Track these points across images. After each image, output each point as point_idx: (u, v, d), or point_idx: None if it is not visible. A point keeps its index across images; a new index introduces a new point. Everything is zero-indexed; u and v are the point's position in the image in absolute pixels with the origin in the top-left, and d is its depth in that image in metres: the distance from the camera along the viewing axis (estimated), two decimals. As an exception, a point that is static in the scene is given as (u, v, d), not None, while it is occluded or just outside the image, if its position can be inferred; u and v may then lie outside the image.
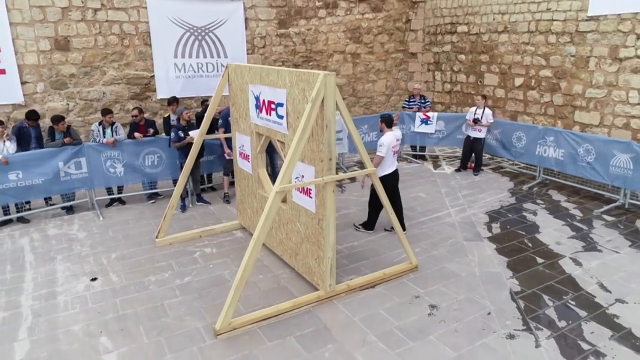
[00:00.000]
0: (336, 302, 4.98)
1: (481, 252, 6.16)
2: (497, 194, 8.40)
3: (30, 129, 7.28)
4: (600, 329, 4.51)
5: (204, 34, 9.78)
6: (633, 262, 5.82)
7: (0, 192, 6.87)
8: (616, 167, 7.52)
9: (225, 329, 4.39)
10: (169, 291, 5.25)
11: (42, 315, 4.80)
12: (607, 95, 8.98)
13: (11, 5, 8.06)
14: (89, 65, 8.91)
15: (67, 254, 6.21)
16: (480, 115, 9.16)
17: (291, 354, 4.18)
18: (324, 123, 4.42)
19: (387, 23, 12.29)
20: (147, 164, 7.90)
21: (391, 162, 6.43)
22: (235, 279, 4.35)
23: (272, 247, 6.04)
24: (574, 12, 9.29)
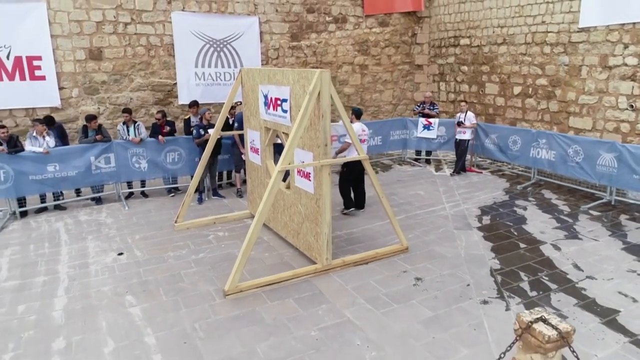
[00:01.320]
0: (332, 274, 5.60)
1: (469, 238, 6.72)
2: (491, 192, 8.94)
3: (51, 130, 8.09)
4: (567, 298, 5.03)
5: (222, 45, 10.69)
6: (609, 247, 6.30)
7: (39, 182, 7.73)
8: (602, 166, 8.02)
9: (232, 290, 5.05)
10: (185, 264, 5.96)
11: (76, 279, 5.55)
12: (598, 102, 9.49)
13: (53, 19, 9.08)
14: (119, 73, 9.86)
15: (97, 234, 6.99)
16: (463, 118, 9.80)
17: (289, 311, 4.81)
18: (320, 113, 5.12)
19: (394, 37, 13.06)
20: (168, 161, 8.71)
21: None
22: (243, 245, 5.04)
23: (278, 230, 6.71)
24: (566, 24, 9.90)
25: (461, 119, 10.04)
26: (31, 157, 7.60)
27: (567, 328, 3.02)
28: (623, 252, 6.16)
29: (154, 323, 4.60)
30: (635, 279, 5.42)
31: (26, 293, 5.24)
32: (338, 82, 12.40)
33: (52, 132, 7.99)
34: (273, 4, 11.18)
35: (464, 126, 9.96)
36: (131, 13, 9.73)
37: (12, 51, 8.86)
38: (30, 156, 7.59)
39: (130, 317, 4.73)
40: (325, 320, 4.65)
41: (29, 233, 7.09)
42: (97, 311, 4.85)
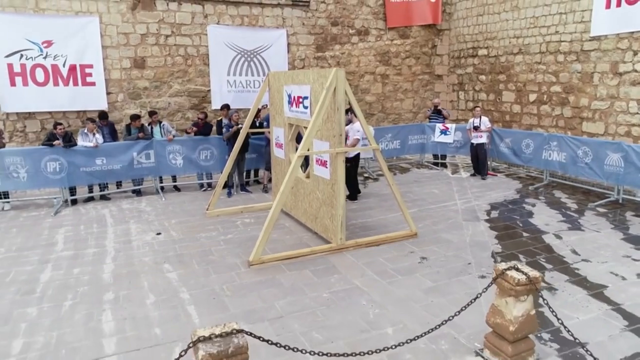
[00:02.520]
0: (345, 253, 6.21)
1: (475, 228, 7.20)
2: (503, 192, 9.37)
3: (102, 127, 9.10)
4: (560, 276, 5.47)
5: (253, 56, 11.59)
6: (609, 238, 6.67)
7: (89, 174, 8.69)
8: (610, 165, 8.37)
9: (256, 261, 5.73)
10: (215, 242, 6.69)
11: (121, 252, 6.35)
12: (610, 107, 9.84)
13: (104, 32, 10.19)
14: (159, 80, 10.87)
15: (138, 219, 7.84)
16: (479, 122, 10.26)
17: (305, 279, 5.45)
18: (335, 106, 5.81)
19: (414, 48, 13.72)
20: (202, 158, 9.55)
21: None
22: (267, 219, 5.74)
23: (298, 217, 7.38)
24: (578, 33, 10.33)
25: (476, 123, 10.51)
26: (82, 151, 8.58)
27: (536, 274, 3.57)
28: (622, 241, 6.52)
29: (188, 284, 5.31)
30: (629, 262, 5.80)
31: (79, 260, 6.07)
32: (360, 90, 13.11)
33: (101, 130, 8.97)
34: (300, 17, 12.06)
35: (481, 130, 10.41)
36: (172, 26, 10.76)
37: (67, 60, 9.97)
38: (81, 150, 8.57)
39: (168, 279, 5.47)
40: (336, 286, 5.25)
41: (79, 217, 8.01)
42: (139, 275, 5.61)
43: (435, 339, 4.17)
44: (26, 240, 6.86)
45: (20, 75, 9.73)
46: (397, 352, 3.97)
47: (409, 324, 4.44)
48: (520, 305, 3.59)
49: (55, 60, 9.91)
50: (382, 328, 4.37)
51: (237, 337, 2.71)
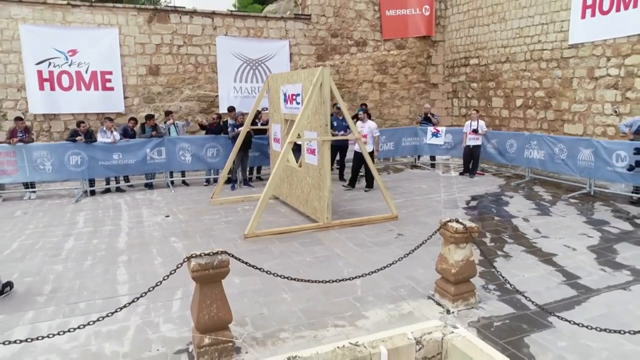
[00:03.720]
0: (331, 230, 6.98)
1: (453, 213, 7.90)
2: (487, 187, 10.06)
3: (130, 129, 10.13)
4: (517, 247, 6.16)
5: (257, 64, 12.58)
6: (573, 221, 7.34)
7: (106, 167, 9.63)
8: (582, 160, 9.05)
9: (251, 235, 6.54)
10: (216, 222, 7.51)
11: (134, 229, 7.21)
12: (587, 109, 10.55)
13: (122, 42, 11.26)
14: (171, 86, 11.88)
15: (149, 206, 8.72)
16: (476, 126, 10.98)
17: (292, 248, 6.22)
18: (322, 100, 6.66)
19: (410, 58, 14.60)
20: (209, 155, 10.45)
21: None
22: (260, 197, 6.55)
23: (292, 203, 8.19)
24: (558, 42, 11.12)
25: (474, 126, 11.11)
26: (101, 147, 9.53)
27: (472, 225, 4.32)
28: (583, 224, 7.19)
29: (191, 250, 6.07)
30: (584, 238, 6.47)
31: (98, 234, 6.94)
32: (359, 97, 13.98)
33: (118, 129, 9.95)
34: (302, 29, 13.05)
35: (479, 133, 11.05)
36: (184, 37, 11.82)
37: (90, 67, 11.05)
38: (100, 146, 9.53)
39: (174, 247, 6.30)
40: (319, 253, 6.02)
41: (97, 204, 8.92)
42: (149, 244, 6.44)
43: (397, 288, 4.93)
44: (51, 220, 7.77)
45: (48, 80, 10.82)
46: (362, 297, 4.74)
47: (374, 277, 5.17)
48: (460, 252, 4.33)
49: (79, 67, 10.99)
50: (353, 281, 5.11)
51: (222, 255, 3.52)
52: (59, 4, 10.74)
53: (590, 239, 6.44)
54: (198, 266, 3.38)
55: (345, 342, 3.65)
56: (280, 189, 8.69)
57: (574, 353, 3.66)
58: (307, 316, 4.33)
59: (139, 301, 4.63)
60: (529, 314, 4.32)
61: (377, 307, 4.51)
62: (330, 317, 4.28)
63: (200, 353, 3.51)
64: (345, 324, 4.17)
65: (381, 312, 4.38)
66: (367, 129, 9.56)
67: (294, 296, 4.78)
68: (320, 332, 4.02)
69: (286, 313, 4.40)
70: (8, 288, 4.85)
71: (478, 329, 4.05)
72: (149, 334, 4.04)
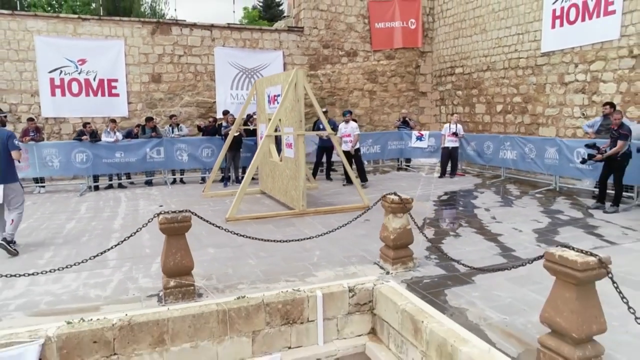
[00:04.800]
0: (305, 217, 7.69)
1: (423, 205, 8.57)
2: (463, 185, 10.70)
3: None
4: (470, 229, 6.81)
5: (253, 73, 13.47)
6: (530, 211, 7.95)
7: (109, 165, 10.50)
8: (548, 159, 9.67)
9: (231, 218, 7.28)
10: (204, 210, 8.25)
11: (129, 215, 8.01)
12: (559, 113, 11.20)
13: (127, 52, 12.25)
14: (172, 92, 12.81)
15: (146, 199, 9.53)
16: (455, 129, 11.66)
17: (267, 229, 6.94)
18: (296, 98, 7.44)
19: (399, 68, 15.40)
20: (204, 155, 11.28)
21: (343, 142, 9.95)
22: (241, 184, 7.30)
23: (275, 195, 8.93)
24: (532, 50, 11.83)
25: (454, 129, 11.79)
26: (105, 146, 10.42)
27: (407, 197, 5.03)
28: (539, 213, 7.80)
29: (176, 230, 6.87)
30: (533, 223, 7.08)
31: (96, 219, 7.75)
32: (350, 104, 14.77)
33: (121, 130, 10.85)
34: (295, 41, 13.95)
35: (458, 136, 11.71)
36: (184, 48, 12.78)
37: (97, 75, 12.04)
38: (104, 145, 10.41)
39: (162, 228, 7.05)
40: (289, 233, 6.73)
41: (99, 197, 9.77)
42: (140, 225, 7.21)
43: (350, 257, 5.62)
44: (57, 209, 8.62)
45: (59, 87, 11.81)
46: (317, 262, 5.43)
47: (334, 251, 5.89)
48: (397, 220, 5.02)
49: (88, 75, 11.98)
50: (312, 252, 5.83)
51: (185, 214, 4.27)
52: (71, 17, 11.79)
53: (539, 224, 7.05)
54: (165, 220, 4.14)
55: (289, 288, 4.35)
56: (266, 183, 9.45)
57: (483, 299, 4.30)
58: (265, 274, 5.04)
59: (124, 262, 5.45)
60: (458, 275, 4.97)
61: (327, 269, 5.20)
62: (285, 275, 4.99)
63: (166, 293, 4.24)
64: (296, 279, 4.86)
65: (329, 273, 5.07)
66: (350, 129, 10.35)
67: (258, 262, 5.49)
68: (273, 285, 4.72)
69: (248, 272, 5.12)
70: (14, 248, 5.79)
71: (408, 283, 4.71)
72: (128, 284, 4.79)
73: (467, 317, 3.93)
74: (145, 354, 3.74)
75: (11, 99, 11.57)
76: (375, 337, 4.44)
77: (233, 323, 3.96)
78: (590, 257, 2.88)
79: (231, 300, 4.07)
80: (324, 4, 14.07)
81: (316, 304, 4.24)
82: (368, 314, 4.50)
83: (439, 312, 3.87)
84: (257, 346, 4.08)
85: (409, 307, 3.94)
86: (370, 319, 4.51)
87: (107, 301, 4.36)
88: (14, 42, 11.41)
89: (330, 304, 4.31)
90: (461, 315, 3.98)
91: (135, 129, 11.15)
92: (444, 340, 3.40)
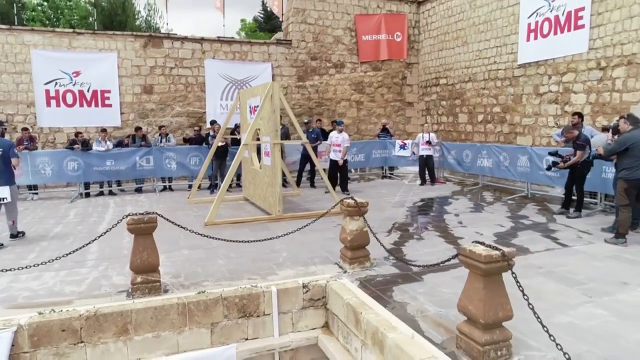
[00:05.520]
0: (281, 221, 8.07)
1: (397, 210, 8.94)
2: (440, 192, 11.06)
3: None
4: (434, 233, 7.16)
5: (242, 84, 13.93)
6: (497, 216, 8.31)
7: (100, 172, 10.93)
8: (520, 166, 10.04)
9: (210, 222, 7.67)
10: (187, 216, 8.67)
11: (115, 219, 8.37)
12: (535, 122, 11.58)
13: (120, 64, 12.75)
14: (163, 103, 13.27)
15: (134, 205, 9.93)
16: (428, 137, 12.04)
17: (242, 232, 7.32)
18: (272, 109, 7.86)
19: (386, 79, 15.85)
20: (192, 163, 11.70)
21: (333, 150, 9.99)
22: (219, 191, 7.69)
23: (256, 201, 9.32)
24: (510, 62, 12.26)
25: (427, 138, 12.21)
26: (96, 154, 10.85)
27: (362, 201, 5.41)
28: (504, 218, 8.15)
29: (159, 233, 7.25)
30: (496, 227, 7.43)
31: (83, 223, 8.14)
32: (337, 114, 15.20)
33: (112, 139, 11.29)
34: (283, 53, 14.43)
35: (432, 144, 12.10)
36: (175, 60, 13.27)
37: (91, 86, 12.52)
38: (95, 153, 10.85)
39: (143, 232, 7.44)
40: (262, 236, 7.09)
41: (89, 203, 10.18)
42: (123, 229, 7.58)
43: (314, 258, 5.99)
44: (47, 214, 9.03)
45: (54, 98, 12.29)
46: (282, 262, 5.80)
47: (300, 252, 6.26)
48: (354, 223, 5.39)
49: (82, 86, 12.46)
50: (280, 253, 6.20)
51: (152, 215, 4.66)
52: (66, 32, 12.31)
53: (502, 228, 7.41)
54: (132, 220, 4.53)
55: (248, 284, 4.72)
56: (248, 189, 9.85)
57: (425, 295, 4.66)
58: (230, 273, 5.41)
59: (102, 262, 5.83)
60: (410, 274, 5.33)
61: (290, 269, 5.57)
62: (248, 274, 5.36)
63: (133, 289, 4.62)
64: (258, 277, 5.23)
65: (291, 271, 5.44)
66: (341, 139, 10.62)
67: (226, 262, 5.87)
68: (235, 282, 5.09)
69: (215, 271, 5.49)
70: (22, 234, 7.10)
71: (361, 281, 5.07)
72: (102, 281, 5.17)
73: (407, 310, 4.29)
74: (110, 342, 4.11)
75: (8, 110, 12.05)
76: (328, 330, 4.80)
77: (192, 315, 4.33)
78: (495, 251, 3.25)
79: (191, 295, 4.44)
80: (311, 17, 14.57)
81: (272, 299, 4.60)
82: (322, 309, 4.86)
83: (378, 305, 4.23)
84: (215, 337, 4.44)
85: (353, 300, 4.30)
86: (324, 314, 4.87)
87: (80, 296, 4.74)
88: (12, 55, 11.92)
89: (285, 299, 4.67)
90: (401, 308, 4.34)
91: (125, 139, 11.61)
92: (377, 328, 3.76)
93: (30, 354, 3.89)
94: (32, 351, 3.89)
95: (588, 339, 3.68)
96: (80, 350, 4.03)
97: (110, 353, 4.11)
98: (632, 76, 9.20)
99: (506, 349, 3.36)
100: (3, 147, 6.85)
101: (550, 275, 5.17)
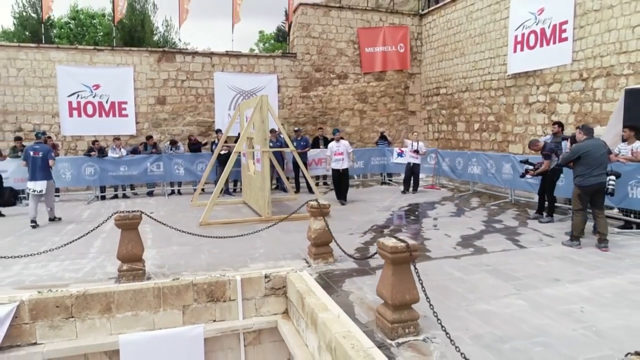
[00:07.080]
0: (270, 223, 8.78)
1: (381, 214, 9.53)
2: (430, 198, 11.55)
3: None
4: (406, 234, 7.72)
5: (249, 95, 14.79)
6: (474, 221, 8.77)
7: (114, 177, 11.93)
8: (505, 173, 10.47)
9: (204, 222, 8.45)
10: (187, 217, 9.49)
11: (122, 220, 9.31)
12: (525, 131, 11.97)
13: (136, 78, 13.81)
14: (175, 113, 14.25)
15: (143, 207, 10.76)
16: (417, 146, 12.50)
17: (232, 230, 8.04)
18: (261, 119, 8.62)
19: (389, 89, 16.44)
20: (199, 169, 12.58)
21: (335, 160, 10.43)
22: (213, 193, 8.48)
23: (251, 204, 10.08)
24: (502, 73, 12.69)
25: (415, 147, 12.59)
26: (111, 161, 11.86)
27: (324, 203, 6.07)
28: (479, 222, 8.62)
29: (156, 231, 8.10)
30: (467, 230, 7.93)
31: (94, 223, 9.04)
32: (340, 123, 15.87)
33: (127, 147, 12.30)
34: (289, 65, 15.24)
35: (420, 153, 12.57)
36: (187, 73, 14.25)
37: (109, 98, 13.61)
38: (110, 160, 11.85)
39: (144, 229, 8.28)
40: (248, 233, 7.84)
41: (103, 205, 11.17)
42: (127, 229, 8.48)
43: (286, 254, 6.66)
44: (64, 214, 10.02)
45: (76, 109, 13.43)
46: (256, 257, 6.50)
47: (276, 249, 6.95)
48: (317, 223, 6.05)
49: (101, 98, 13.57)
50: (258, 250, 6.91)
51: (136, 213, 5.45)
52: (88, 48, 13.47)
53: (472, 231, 7.90)
54: (119, 217, 5.33)
55: (217, 274, 5.44)
56: (246, 194, 10.62)
57: (371, 286, 5.24)
58: (208, 265, 6.15)
59: (100, 254, 6.66)
60: (367, 269, 5.93)
61: (262, 262, 6.26)
62: (223, 266, 6.08)
63: (120, 275, 5.41)
64: (231, 269, 5.95)
65: (261, 264, 6.13)
66: (343, 147, 11.13)
67: (208, 256, 6.62)
68: (210, 273, 5.81)
69: (195, 264, 6.24)
70: (59, 219, 8.94)
71: (320, 274, 5.72)
72: (97, 270, 6.00)
73: (349, 297, 4.92)
74: (96, 318, 4.89)
75: (35, 120, 13.25)
76: (287, 316, 5.45)
77: (166, 298, 5.07)
78: (400, 243, 3.86)
79: (167, 281, 5.19)
80: (315, 31, 15.34)
81: (237, 286, 5.30)
82: (283, 297, 5.52)
83: (322, 292, 4.87)
84: (186, 317, 5.17)
85: (302, 288, 4.95)
86: (285, 301, 5.53)
87: (76, 281, 5.57)
88: (39, 71, 13.13)
89: (249, 288, 5.36)
90: (345, 295, 4.97)
91: (139, 147, 12.61)
92: (313, 310, 4.41)
93: (30, 325, 4.70)
94: (32, 323, 4.70)
95: (495, 323, 4.22)
96: (71, 324, 4.82)
97: (96, 327, 4.88)
98: (610, 87, 9.54)
99: (414, 327, 3.95)
100: (43, 151, 8.88)
101: (493, 272, 5.68)
